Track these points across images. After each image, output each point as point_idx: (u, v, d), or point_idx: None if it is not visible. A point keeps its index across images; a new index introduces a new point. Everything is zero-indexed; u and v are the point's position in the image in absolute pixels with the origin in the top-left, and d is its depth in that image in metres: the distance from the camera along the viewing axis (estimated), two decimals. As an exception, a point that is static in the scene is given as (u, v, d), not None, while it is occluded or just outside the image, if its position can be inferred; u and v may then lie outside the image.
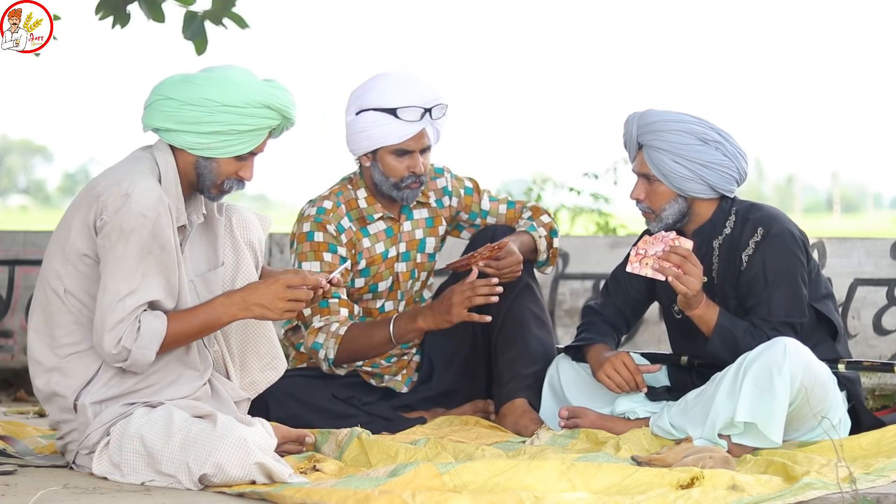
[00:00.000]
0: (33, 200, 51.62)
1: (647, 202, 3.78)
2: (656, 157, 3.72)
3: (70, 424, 3.21)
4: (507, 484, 3.04)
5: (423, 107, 3.95)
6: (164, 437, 3.10)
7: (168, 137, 3.26)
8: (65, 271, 3.19)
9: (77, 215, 3.19)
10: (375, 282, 4.09)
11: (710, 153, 3.71)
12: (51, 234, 3.29)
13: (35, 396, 3.33)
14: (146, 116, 3.29)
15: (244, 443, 3.05)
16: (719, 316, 3.69)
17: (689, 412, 3.64)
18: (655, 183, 3.75)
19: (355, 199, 4.07)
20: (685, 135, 3.71)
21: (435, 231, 4.18)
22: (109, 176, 3.21)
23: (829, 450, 3.46)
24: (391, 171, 3.98)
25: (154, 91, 3.29)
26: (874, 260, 4.89)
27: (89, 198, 3.18)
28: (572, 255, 5.22)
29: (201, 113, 3.22)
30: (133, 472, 3.12)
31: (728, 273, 3.77)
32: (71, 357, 3.20)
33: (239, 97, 3.23)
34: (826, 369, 3.63)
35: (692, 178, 3.71)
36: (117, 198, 3.13)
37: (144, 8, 5.16)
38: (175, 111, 3.23)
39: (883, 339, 4.86)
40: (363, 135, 3.96)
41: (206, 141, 3.24)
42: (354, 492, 2.91)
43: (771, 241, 3.71)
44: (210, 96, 3.22)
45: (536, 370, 4.04)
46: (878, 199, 53.80)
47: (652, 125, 3.74)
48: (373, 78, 4.03)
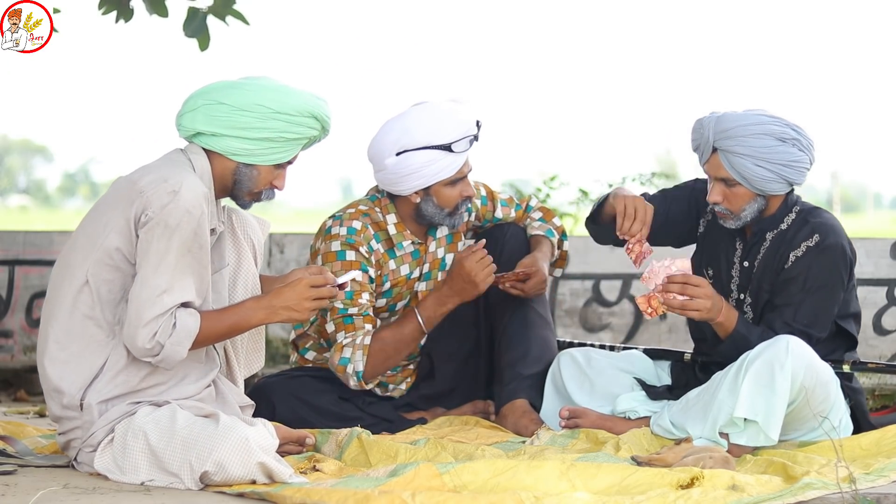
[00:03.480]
0: (33, 200, 51.62)
1: (726, 204, 3.73)
2: (737, 161, 3.66)
3: (74, 422, 3.21)
4: (507, 484, 3.04)
5: (472, 134, 3.95)
6: (167, 435, 3.10)
7: (210, 142, 3.29)
8: (91, 264, 3.19)
9: (115, 210, 3.19)
10: (395, 302, 4.10)
11: (790, 151, 3.66)
12: (51, 233, 3.30)
13: (34, 397, 3.33)
14: (188, 120, 3.30)
15: (246, 442, 3.05)
16: (738, 323, 3.69)
17: (690, 410, 3.64)
18: (736, 186, 3.70)
19: (384, 223, 4.04)
20: (765, 137, 3.65)
21: (455, 247, 4.18)
22: (153, 172, 3.21)
23: (829, 450, 3.46)
24: (447, 202, 3.97)
25: (198, 96, 3.31)
26: (874, 260, 4.89)
27: (131, 193, 3.18)
28: (572, 255, 5.21)
29: (253, 118, 3.26)
30: (134, 469, 3.12)
31: (770, 267, 3.76)
32: (77, 351, 3.20)
33: (290, 105, 3.28)
34: (828, 370, 3.63)
35: (774, 178, 3.67)
36: (164, 194, 3.15)
37: (147, 2, 5.16)
38: (225, 116, 3.26)
39: (883, 339, 4.86)
40: (417, 174, 3.91)
41: (253, 147, 3.28)
42: (354, 492, 2.91)
43: (823, 250, 3.69)
44: (263, 102, 3.26)
45: (538, 371, 4.05)
46: (878, 199, 53.77)
47: (731, 130, 3.66)
48: (410, 115, 3.96)
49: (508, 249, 4.15)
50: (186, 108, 3.31)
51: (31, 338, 5.37)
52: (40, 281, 5.38)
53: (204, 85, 3.34)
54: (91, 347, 3.21)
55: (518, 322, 4.09)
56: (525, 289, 4.02)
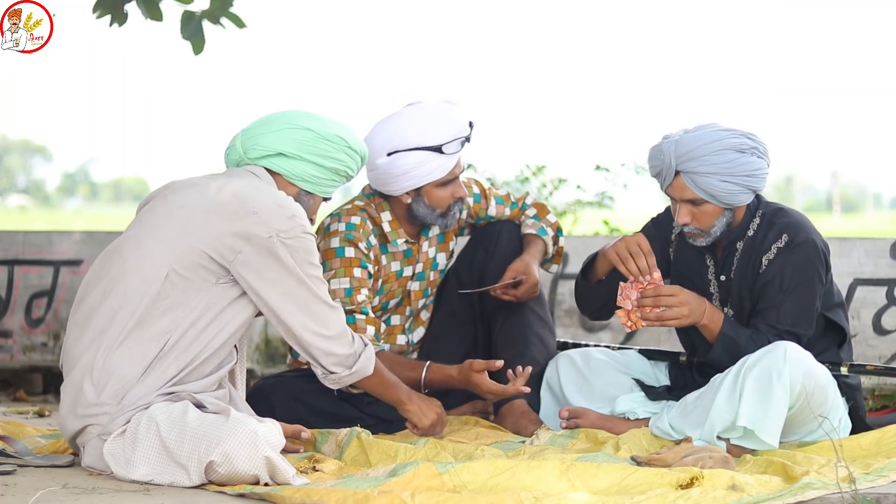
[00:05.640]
0: (33, 200, 51.66)
1: (696, 224, 3.72)
2: (703, 181, 3.65)
3: (104, 407, 3.20)
4: (507, 484, 3.04)
5: (463, 136, 3.95)
6: (178, 426, 3.12)
7: (287, 164, 3.39)
8: (173, 260, 3.22)
9: (217, 218, 3.23)
10: (387, 299, 4.09)
11: (751, 161, 3.66)
12: (50, 233, 3.30)
13: (34, 396, 3.33)
14: (271, 140, 3.39)
15: (254, 435, 3.07)
16: (723, 325, 3.69)
17: (689, 414, 3.64)
18: (703, 205, 3.69)
19: (380, 220, 4.04)
20: (727, 152, 3.64)
21: (446, 247, 4.18)
22: (257, 192, 3.29)
23: (828, 450, 3.46)
24: (438, 203, 3.97)
25: (281, 119, 3.43)
26: (874, 260, 4.89)
27: (239, 210, 3.23)
28: (572, 255, 5.21)
29: (332, 148, 3.41)
30: (143, 460, 3.12)
31: (746, 274, 3.76)
32: (137, 341, 3.21)
33: (355, 142, 3.46)
34: (826, 373, 3.63)
35: (740, 190, 3.67)
36: (284, 218, 3.26)
37: (142, 7, 5.16)
38: (310, 142, 3.40)
39: (883, 339, 4.85)
40: (407, 175, 3.91)
41: (321, 175, 3.42)
42: (354, 492, 2.91)
43: (794, 249, 3.70)
44: (340, 134, 3.42)
45: (537, 370, 4.04)
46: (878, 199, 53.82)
47: (692, 152, 3.64)
48: (401, 116, 3.96)
49: (501, 249, 4.14)
50: (265, 129, 3.42)
51: (30, 338, 5.37)
52: (39, 281, 5.39)
53: (274, 112, 3.47)
54: (147, 340, 3.21)
55: (515, 322, 4.09)
56: (517, 294, 4.02)
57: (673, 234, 3.93)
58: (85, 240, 5.41)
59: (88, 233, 5.48)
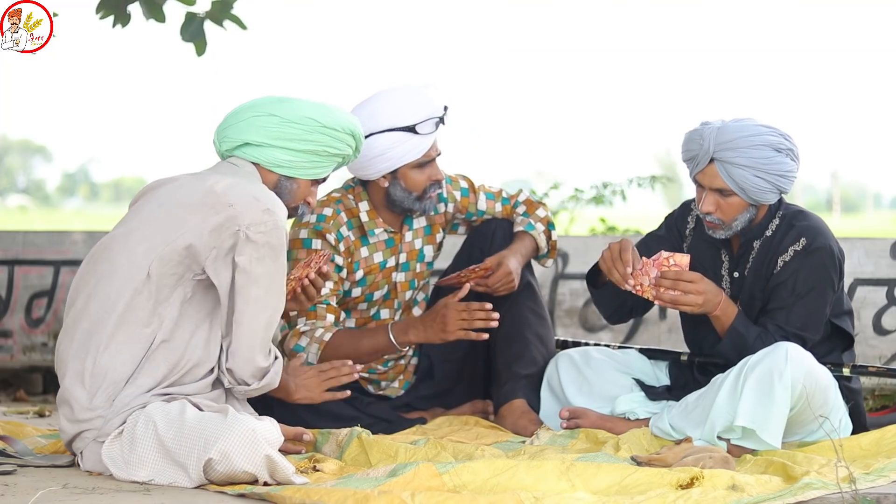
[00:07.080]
0: (33, 200, 51.68)
1: (719, 214, 3.72)
2: (736, 172, 3.65)
3: (97, 411, 3.21)
4: (507, 484, 3.04)
5: (437, 116, 3.95)
6: (176, 425, 3.11)
7: (256, 153, 3.38)
8: (156, 259, 3.22)
9: (194, 215, 3.22)
10: (371, 291, 4.08)
11: (785, 162, 3.66)
12: (50, 233, 3.30)
13: (34, 396, 3.33)
14: (236, 131, 3.39)
15: (253, 433, 3.06)
16: (735, 319, 3.70)
17: (690, 414, 3.64)
18: (731, 196, 3.69)
19: (357, 210, 4.04)
20: (765, 148, 3.64)
21: (433, 239, 4.18)
22: (236, 185, 3.27)
23: (828, 450, 3.46)
24: (415, 186, 3.97)
25: (246, 109, 3.41)
26: (874, 260, 4.89)
27: (216, 203, 3.22)
28: (572, 255, 5.21)
29: (301, 130, 3.38)
30: (140, 462, 3.12)
31: (761, 273, 3.76)
32: (123, 342, 3.21)
33: (334, 120, 3.41)
34: (828, 374, 3.63)
35: (770, 188, 3.67)
36: (258, 212, 3.23)
37: (145, 8, 5.17)
38: (275, 127, 3.37)
39: (883, 339, 4.85)
40: (383, 157, 3.92)
41: (297, 159, 3.39)
42: (354, 492, 2.91)
43: (811, 253, 3.70)
44: (311, 115, 3.38)
45: (536, 370, 4.04)
46: (877, 199, 53.88)
47: (733, 142, 3.64)
48: (374, 99, 3.97)
49: (496, 249, 4.13)
50: (233, 120, 3.41)
51: (30, 338, 5.37)
52: (39, 281, 5.39)
53: (250, 100, 3.45)
54: (134, 341, 3.22)
55: (513, 321, 4.08)
56: (489, 283, 3.99)
57: (688, 229, 3.93)
58: (85, 240, 5.42)
59: (88, 233, 5.49)
